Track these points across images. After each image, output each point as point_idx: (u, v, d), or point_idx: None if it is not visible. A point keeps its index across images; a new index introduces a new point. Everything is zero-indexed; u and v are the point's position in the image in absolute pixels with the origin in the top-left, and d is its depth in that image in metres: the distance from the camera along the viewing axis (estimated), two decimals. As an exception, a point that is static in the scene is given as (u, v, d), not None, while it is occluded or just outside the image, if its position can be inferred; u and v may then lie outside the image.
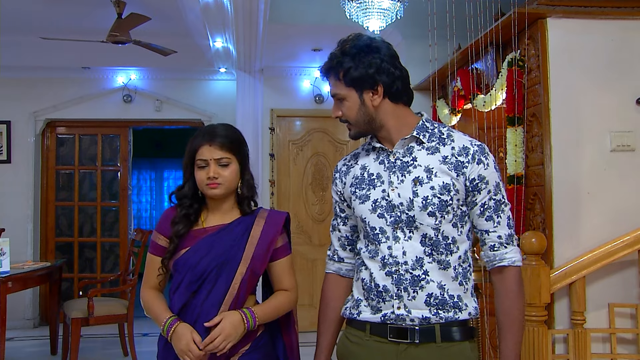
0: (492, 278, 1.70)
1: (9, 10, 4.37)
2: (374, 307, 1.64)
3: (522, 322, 1.67)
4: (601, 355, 2.95)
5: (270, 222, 1.92)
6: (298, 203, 6.06)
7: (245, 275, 1.83)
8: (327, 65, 1.68)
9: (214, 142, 1.85)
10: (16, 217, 6.15)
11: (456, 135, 1.67)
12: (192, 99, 6.47)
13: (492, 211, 1.65)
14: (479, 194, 1.64)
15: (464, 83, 3.83)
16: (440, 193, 1.59)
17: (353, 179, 1.72)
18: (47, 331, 5.35)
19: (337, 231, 1.81)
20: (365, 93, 1.63)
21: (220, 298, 1.80)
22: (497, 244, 1.65)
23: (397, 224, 1.61)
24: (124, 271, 5.21)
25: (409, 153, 1.64)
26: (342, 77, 1.63)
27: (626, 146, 3.01)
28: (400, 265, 1.60)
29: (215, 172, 1.84)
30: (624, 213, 2.97)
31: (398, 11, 3.60)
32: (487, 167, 1.64)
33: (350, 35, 1.66)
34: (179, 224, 1.88)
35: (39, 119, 6.37)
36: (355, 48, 1.62)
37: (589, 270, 2.85)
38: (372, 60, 1.60)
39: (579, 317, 2.86)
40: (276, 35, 4.81)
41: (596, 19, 3.05)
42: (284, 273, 1.95)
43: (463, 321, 1.62)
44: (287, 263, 1.96)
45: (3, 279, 4.22)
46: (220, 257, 1.83)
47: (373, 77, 1.61)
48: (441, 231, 1.60)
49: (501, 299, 1.66)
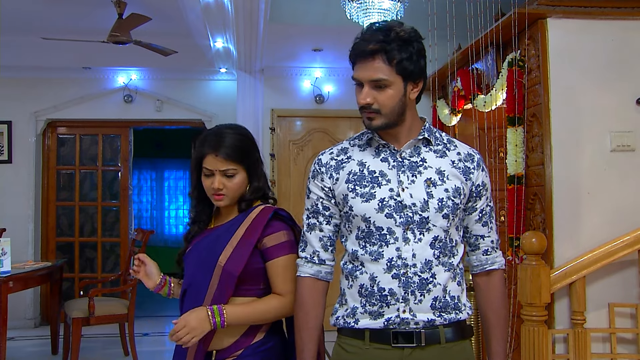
0: (477, 280, 1.74)
1: (10, 10, 4.37)
2: (373, 313, 1.57)
3: (508, 319, 1.76)
4: (601, 355, 2.95)
5: (256, 220, 1.83)
6: (299, 203, 6.05)
7: (220, 275, 1.77)
8: (381, 45, 1.51)
9: (220, 153, 1.80)
10: (17, 217, 6.16)
11: (457, 142, 1.70)
12: (192, 99, 6.48)
13: (488, 217, 1.70)
14: (480, 200, 1.67)
15: (464, 83, 3.83)
16: (454, 196, 1.59)
17: (349, 175, 1.62)
18: (48, 331, 5.35)
19: (319, 231, 1.67)
20: (409, 84, 1.57)
21: (201, 299, 1.79)
22: (489, 248, 1.71)
23: (408, 224, 1.56)
24: (125, 271, 5.21)
25: (416, 153, 1.62)
26: (394, 63, 1.52)
27: (626, 146, 3.02)
28: (409, 268, 1.55)
29: (220, 184, 1.81)
30: (624, 213, 2.97)
31: (398, 11, 3.60)
32: (487, 174, 1.69)
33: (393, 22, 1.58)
34: (193, 227, 1.92)
35: (40, 119, 6.38)
36: (411, 34, 1.54)
37: (589, 270, 2.85)
38: (423, 53, 1.56)
39: (579, 317, 2.86)
40: (277, 35, 4.81)
41: (596, 19, 3.05)
42: (277, 276, 1.80)
43: (463, 321, 1.64)
44: (282, 264, 1.80)
45: (4, 278, 4.23)
46: (203, 257, 1.82)
47: (422, 70, 1.57)
48: (449, 234, 1.60)
49: (491, 299, 1.71)
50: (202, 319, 1.71)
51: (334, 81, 6.04)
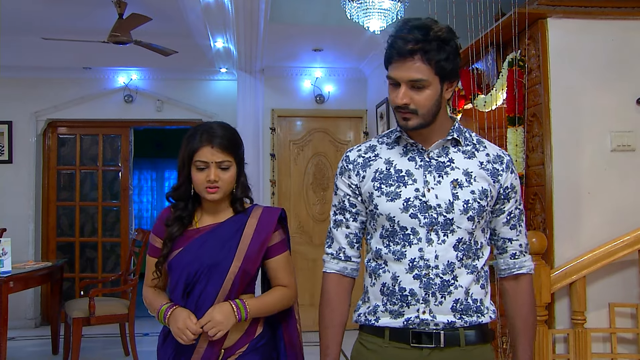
0: (505, 285, 1.70)
1: (10, 10, 4.38)
2: (394, 312, 1.57)
3: (535, 326, 1.70)
4: (601, 355, 2.95)
5: (264, 220, 1.88)
6: (299, 203, 6.06)
7: (237, 274, 1.82)
8: (421, 45, 1.49)
9: (216, 144, 1.81)
10: (17, 217, 6.16)
11: (486, 143, 1.67)
12: (193, 99, 6.48)
13: (517, 220, 1.67)
14: (508, 203, 1.64)
15: (465, 83, 3.83)
16: (480, 198, 1.57)
17: (376, 173, 1.62)
18: (48, 331, 5.35)
19: (345, 227, 1.69)
20: (446, 84, 1.55)
21: (213, 297, 1.80)
22: (518, 252, 1.68)
23: (432, 225, 1.55)
24: (125, 271, 5.21)
25: (444, 154, 1.60)
26: (433, 63, 1.49)
27: (626, 146, 3.02)
28: (431, 269, 1.54)
29: (216, 176, 1.80)
30: (624, 213, 2.97)
31: (399, 11, 3.60)
32: (517, 177, 1.67)
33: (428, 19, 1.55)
34: (173, 227, 1.86)
35: (40, 119, 6.38)
36: (449, 33, 1.52)
37: (589, 270, 2.85)
38: (458, 51, 1.55)
39: (580, 317, 2.86)
40: (277, 35, 4.82)
41: (596, 19, 3.05)
42: (281, 270, 1.91)
43: (485, 324, 1.61)
44: (283, 260, 1.92)
45: (4, 278, 4.23)
46: (212, 257, 1.82)
47: (457, 70, 1.56)
48: (474, 236, 1.59)
49: (519, 304, 1.68)
50: (227, 313, 1.77)
51: (334, 81, 6.04)
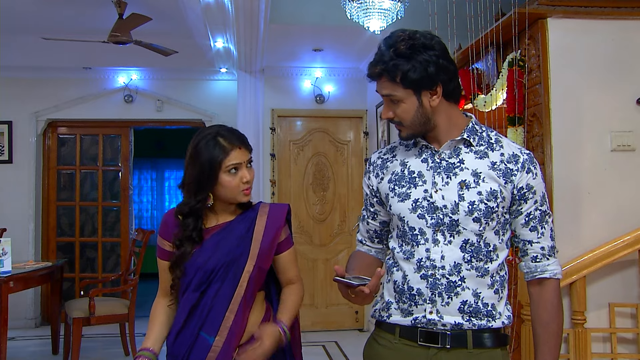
0: (530, 289, 1.67)
1: (10, 10, 4.37)
2: (404, 310, 1.60)
3: (560, 336, 1.63)
4: (601, 355, 2.95)
5: (273, 216, 1.90)
6: (299, 203, 6.06)
7: (252, 272, 1.83)
8: (380, 67, 1.54)
9: (241, 143, 1.82)
10: (17, 217, 6.17)
11: (505, 142, 1.64)
12: (193, 99, 6.48)
13: (537, 222, 1.62)
14: (525, 204, 1.60)
15: (465, 83, 3.83)
16: (487, 199, 1.55)
17: (392, 174, 1.65)
18: (48, 331, 5.36)
19: (366, 223, 1.79)
20: (423, 94, 1.54)
21: (229, 296, 1.81)
22: (539, 255, 1.63)
23: (439, 226, 1.56)
24: (125, 271, 5.21)
25: (455, 154, 1.60)
26: (399, 79, 1.52)
27: (626, 146, 3.02)
28: (437, 270, 1.55)
29: (250, 175, 1.83)
30: (624, 213, 2.97)
31: (399, 11, 3.60)
32: (536, 176, 1.61)
33: (398, 33, 1.55)
34: (185, 247, 1.82)
35: (40, 119, 6.38)
36: (410, 48, 1.51)
37: (590, 269, 2.85)
38: (430, 59, 1.51)
39: (580, 317, 2.87)
40: (277, 35, 4.82)
41: (596, 19, 3.05)
42: (290, 265, 1.97)
43: (497, 329, 1.59)
44: (291, 255, 1.97)
45: (5, 278, 4.23)
46: (227, 256, 1.82)
47: (432, 77, 1.52)
48: (484, 238, 1.57)
49: (540, 311, 1.64)
50: (276, 339, 1.81)
51: (334, 81, 6.04)
